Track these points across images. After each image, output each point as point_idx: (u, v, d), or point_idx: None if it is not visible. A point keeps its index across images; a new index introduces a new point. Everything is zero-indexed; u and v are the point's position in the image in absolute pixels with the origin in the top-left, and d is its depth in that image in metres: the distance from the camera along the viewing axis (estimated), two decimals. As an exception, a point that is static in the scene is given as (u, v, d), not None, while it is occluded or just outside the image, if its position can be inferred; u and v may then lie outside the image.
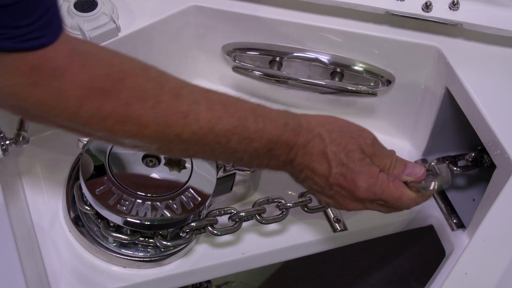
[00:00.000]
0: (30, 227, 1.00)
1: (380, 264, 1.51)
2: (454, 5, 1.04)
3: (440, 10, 1.04)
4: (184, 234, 0.97)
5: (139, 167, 0.96)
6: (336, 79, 1.11)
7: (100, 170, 0.95)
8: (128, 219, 0.91)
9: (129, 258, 0.98)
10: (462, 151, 1.13)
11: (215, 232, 0.99)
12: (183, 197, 0.95)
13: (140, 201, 0.93)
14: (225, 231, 0.99)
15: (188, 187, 0.96)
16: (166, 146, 0.75)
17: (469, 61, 1.03)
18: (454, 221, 1.10)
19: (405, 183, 0.88)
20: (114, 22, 1.00)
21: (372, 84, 1.12)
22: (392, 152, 0.89)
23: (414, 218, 1.13)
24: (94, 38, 0.99)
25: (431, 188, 0.87)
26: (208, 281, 1.29)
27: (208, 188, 0.97)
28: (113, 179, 0.94)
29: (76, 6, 1.00)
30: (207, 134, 0.75)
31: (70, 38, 0.68)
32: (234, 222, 1.00)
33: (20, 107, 0.68)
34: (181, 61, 1.16)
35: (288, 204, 1.01)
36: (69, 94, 0.66)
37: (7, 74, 0.64)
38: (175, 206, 0.94)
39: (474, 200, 1.14)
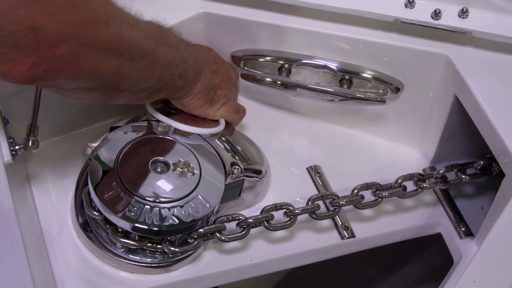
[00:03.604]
0: (39, 232, 1.00)
1: (388, 272, 1.51)
2: (463, 13, 1.04)
3: (450, 18, 1.04)
4: (192, 240, 0.97)
5: (148, 173, 0.96)
6: (345, 86, 1.11)
7: (108, 176, 0.95)
8: (136, 225, 0.91)
9: (137, 263, 0.98)
10: (470, 159, 1.13)
11: (223, 238, 0.99)
12: (191, 203, 0.95)
13: (148, 207, 0.93)
14: (233, 237, 0.99)
15: (196, 193, 0.96)
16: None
17: (478, 69, 1.03)
18: (463, 229, 1.10)
19: None
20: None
21: (380, 91, 1.12)
22: None
23: (422, 226, 1.12)
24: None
25: None
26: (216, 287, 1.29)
27: (216, 194, 0.97)
28: (122, 184, 0.94)
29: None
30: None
31: None
32: (242, 229, 1.00)
33: None
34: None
35: (296, 211, 1.01)
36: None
37: None
38: (183, 212, 0.94)
39: (482, 208, 1.14)
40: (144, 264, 0.98)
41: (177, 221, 0.93)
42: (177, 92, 0.96)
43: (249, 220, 0.99)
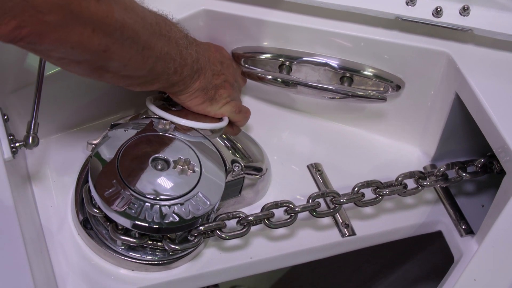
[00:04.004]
0: (39, 230, 1.00)
1: (388, 270, 1.51)
2: (464, 11, 1.04)
3: (451, 16, 1.04)
4: (193, 237, 0.97)
5: (148, 171, 0.96)
6: (346, 84, 1.11)
7: (109, 173, 0.95)
8: (137, 222, 0.91)
9: (137, 261, 0.98)
10: (471, 157, 1.13)
11: (224, 236, 0.99)
12: (192, 201, 0.95)
13: (148, 204, 0.93)
14: (234, 235, 0.99)
15: (197, 191, 0.96)
16: None
17: (479, 67, 1.03)
18: (463, 227, 1.10)
19: None
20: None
21: (381, 89, 1.12)
22: None
23: (423, 224, 1.12)
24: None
25: None
26: (216, 285, 1.29)
27: (217, 192, 0.97)
28: (122, 182, 0.94)
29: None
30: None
31: None
32: (242, 226, 1.00)
33: None
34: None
35: (297, 209, 1.01)
36: None
37: None
38: (183, 209, 0.94)
39: (483, 206, 1.14)
40: (144, 262, 0.98)
41: (177, 218, 0.93)
42: (171, 87, 0.96)
43: (250, 218, 0.99)
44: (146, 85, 0.92)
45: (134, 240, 0.96)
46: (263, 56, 1.13)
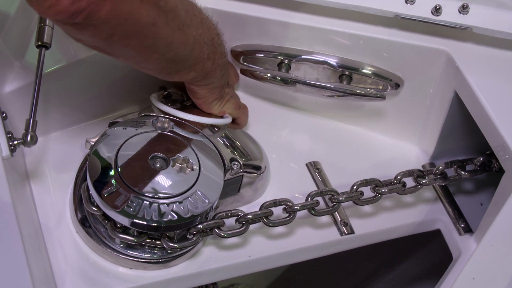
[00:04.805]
0: (37, 228, 1.00)
1: (387, 268, 1.51)
2: (463, 9, 1.03)
3: (450, 14, 1.04)
4: (191, 236, 0.97)
5: (147, 169, 0.96)
6: (345, 82, 1.11)
7: (107, 171, 0.95)
8: (135, 220, 0.91)
9: (135, 259, 0.98)
10: (470, 155, 1.13)
11: (222, 234, 0.98)
12: (190, 199, 0.95)
13: (147, 202, 0.93)
14: (232, 233, 0.99)
15: (195, 189, 0.96)
16: None
17: (478, 65, 1.03)
18: (462, 225, 1.10)
19: None
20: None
21: (380, 87, 1.12)
22: None
23: (422, 222, 1.12)
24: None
25: None
26: (214, 283, 1.29)
27: (216, 190, 0.97)
28: (121, 180, 0.94)
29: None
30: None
31: None
32: (241, 225, 1.00)
33: None
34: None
35: (295, 207, 1.01)
36: None
37: None
38: (182, 208, 0.94)
39: (482, 204, 1.14)
40: (143, 260, 0.98)
41: (176, 216, 0.93)
42: (204, 77, 0.98)
43: (248, 216, 0.99)
44: (183, 72, 0.94)
45: (133, 238, 0.96)
46: (262, 54, 1.13)
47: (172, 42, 0.86)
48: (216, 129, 1.05)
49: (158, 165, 0.97)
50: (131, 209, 0.92)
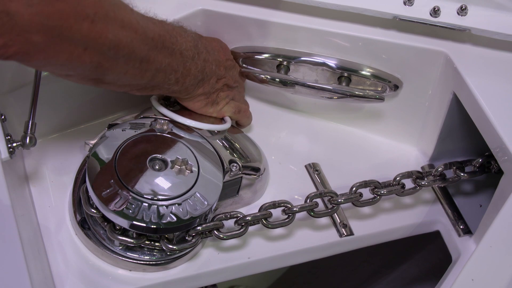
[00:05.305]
0: (37, 230, 1.00)
1: (386, 270, 1.51)
2: (462, 11, 1.03)
3: (448, 16, 1.04)
4: (190, 238, 0.97)
5: (146, 171, 0.96)
6: (344, 84, 1.11)
7: (106, 173, 0.95)
8: (134, 222, 0.91)
9: (135, 261, 0.98)
10: (469, 156, 1.13)
11: (221, 236, 0.98)
12: (190, 201, 0.95)
13: (146, 204, 0.93)
14: (231, 235, 0.99)
15: (194, 191, 0.96)
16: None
17: (477, 67, 1.03)
18: (461, 227, 1.10)
19: None
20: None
21: (379, 89, 1.12)
22: None
23: (421, 224, 1.12)
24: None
25: None
26: (214, 285, 1.29)
27: (215, 192, 0.97)
28: (120, 182, 0.94)
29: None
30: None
31: None
32: (240, 226, 1.00)
33: None
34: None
35: (294, 209, 1.01)
36: None
37: None
38: (181, 210, 0.94)
39: (481, 206, 1.14)
40: (142, 262, 0.98)
41: (175, 218, 0.93)
42: (171, 93, 0.98)
43: (247, 218, 0.99)
44: (145, 90, 0.92)
45: (132, 240, 0.96)
46: (261, 56, 1.13)
47: (124, 77, 0.85)
48: (215, 131, 1.05)
49: (157, 167, 0.97)
50: (130, 211, 0.92)
